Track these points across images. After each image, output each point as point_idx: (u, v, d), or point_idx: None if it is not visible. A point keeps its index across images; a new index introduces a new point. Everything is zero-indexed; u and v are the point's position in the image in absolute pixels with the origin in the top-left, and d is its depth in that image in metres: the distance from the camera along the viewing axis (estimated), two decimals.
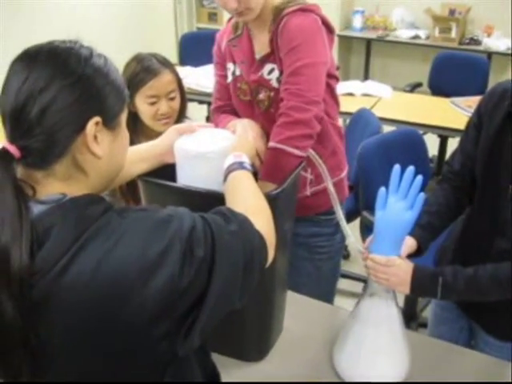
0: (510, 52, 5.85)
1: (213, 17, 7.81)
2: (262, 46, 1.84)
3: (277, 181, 1.59)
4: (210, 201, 1.26)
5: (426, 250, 1.68)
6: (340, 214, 1.63)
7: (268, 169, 1.66)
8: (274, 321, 1.74)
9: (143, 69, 2.04)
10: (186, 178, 1.49)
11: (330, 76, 1.86)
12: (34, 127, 0.92)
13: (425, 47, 6.36)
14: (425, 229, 1.66)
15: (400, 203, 1.50)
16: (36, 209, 0.92)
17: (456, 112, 3.93)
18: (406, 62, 6.88)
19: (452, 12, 6.19)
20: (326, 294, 2.21)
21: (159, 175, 1.49)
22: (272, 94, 1.84)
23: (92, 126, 0.96)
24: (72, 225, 0.92)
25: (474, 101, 4.00)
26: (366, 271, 1.59)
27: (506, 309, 1.63)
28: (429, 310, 2.19)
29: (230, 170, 1.32)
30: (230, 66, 1.95)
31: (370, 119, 3.24)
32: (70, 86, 0.94)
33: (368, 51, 6.83)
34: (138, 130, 2.11)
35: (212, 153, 1.45)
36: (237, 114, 1.99)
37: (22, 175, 0.95)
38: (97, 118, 0.96)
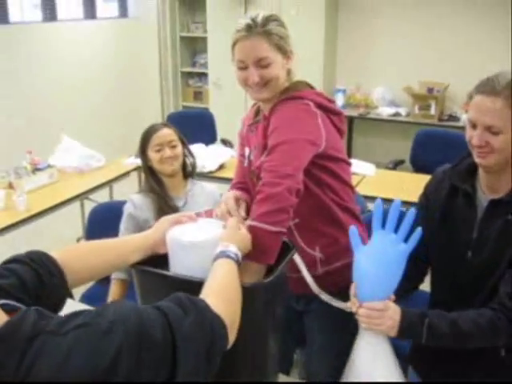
0: None
1: (198, 96, 7.99)
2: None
3: (257, 259, 1.59)
4: (197, 287, 1.30)
5: None
6: (320, 291, 1.71)
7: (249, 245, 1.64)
8: None
9: (149, 129, 2.76)
10: (179, 265, 1.53)
11: (333, 159, 1.88)
12: None
13: (405, 124, 6.51)
14: None
15: (390, 236, 1.54)
16: None
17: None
18: (387, 139, 7.03)
19: (430, 90, 6.38)
20: (339, 363, 2.16)
21: (153, 262, 1.55)
22: None
23: None
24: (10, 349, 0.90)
25: None
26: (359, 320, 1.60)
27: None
28: None
29: (214, 258, 1.41)
30: (247, 150, 2.04)
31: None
32: None
33: (350, 129, 6.98)
34: (156, 178, 2.75)
35: (202, 242, 1.51)
36: (250, 192, 2.03)
37: None
38: None
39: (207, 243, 1.50)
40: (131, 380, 0.92)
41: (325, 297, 1.68)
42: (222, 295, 1.26)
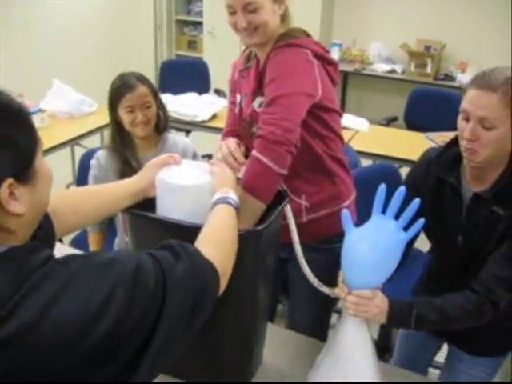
0: None
1: (192, 45, 7.88)
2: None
3: (254, 192, 1.63)
4: (188, 233, 1.29)
5: None
6: (300, 256, 1.63)
7: (248, 177, 1.68)
8: (253, 353, 1.76)
9: (122, 84, 2.45)
10: (165, 209, 1.52)
11: (327, 109, 1.87)
12: None
13: (401, 81, 6.48)
14: None
15: (391, 222, 1.50)
16: None
17: (430, 146, 3.99)
18: (382, 96, 7.00)
19: (427, 48, 6.34)
20: (321, 313, 2.21)
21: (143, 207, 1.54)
22: None
23: (5, 189, 0.93)
24: (11, 276, 0.91)
25: (447, 136, 4.09)
26: (343, 305, 1.59)
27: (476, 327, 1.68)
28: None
29: (214, 204, 1.39)
30: (238, 97, 2.02)
31: (348, 153, 3.28)
32: None
33: (345, 84, 6.94)
34: (124, 135, 2.51)
35: (194, 187, 1.50)
36: (242, 140, 2.02)
37: None
38: (9, 181, 0.93)
39: (197, 188, 1.49)
40: (119, 319, 0.92)
41: (312, 279, 1.67)
42: (216, 242, 1.25)
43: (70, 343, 0.89)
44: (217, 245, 1.24)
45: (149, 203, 1.54)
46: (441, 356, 2.21)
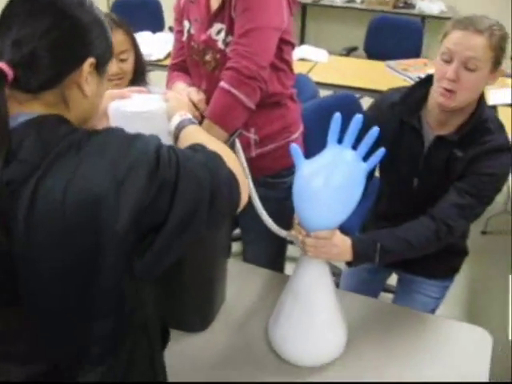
0: (443, 15, 5.91)
1: None
2: (217, 3, 1.80)
3: (222, 123, 1.64)
4: None
5: None
6: (254, 195, 1.56)
7: (216, 109, 1.68)
8: (215, 290, 1.74)
9: None
10: None
11: (284, 41, 1.82)
12: (38, 56, 0.96)
13: (360, 11, 6.37)
14: None
15: (348, 152, 1.41)
16: (12, 122, 0.95)
17: (391, 75, 3.97)
18: (341, 26, 6.89)
19: None
20: (276, 248, 2.20)
21: None
22: (218, 56, 1.81)
23: (88, 66, 1.02)
24: (43, 139, 0.94)
25: (408, 64, 4.06)
26: (301, 248, 1.52)
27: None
28: None
29: (181, 127, 1.32)
30: (186, 23, 1.91)
31: (307, 84, 3.22)
32: (74, 26, 1.00)
33: (304, 16, 6.81)
34: None
35: (147, 112, 1.46)
36: (189, 72, 1.98)
37: (7, 93, 0.97)
38: (92, 60, 1.02)
39: (151, 114, 1.46)
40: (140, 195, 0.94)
41: (265, 219, 1.61)
42: (227, 156, 1.14)
43: (101, 201, 0.91)
44: (227, 157, 1.13)
45: None
46: (392, 279, 2.23)
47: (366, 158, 1.42)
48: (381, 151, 1.40)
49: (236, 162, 1.16)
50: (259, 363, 1.60)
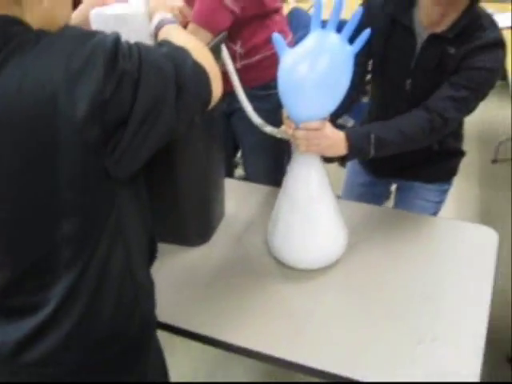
0: None
1: None
2: None
3: (208, 25, 1.67)
4: None
5: None
6: (244, 100, 1.54)
7: (202, 11, 1.70)
8: (214, 204, 1.74)
9: None
10: None
11: None
12: None
13: None
14: None
15: (332, 34, 1.32)
16: None
17: None
18: None
19: None
20: (274, 161, 2.20)
21: None
22: None
23: None
24: None
25: None
26: (292, 142, 1.49)
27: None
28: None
29: (160, 26, 1.29)
30: None
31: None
32: None
33: None
34: None
35: (128, 15, 1.42)
36: None
37: None
38: None
39: (133, 16, 1.41)
40: (99, 87, 0.91)
41: (255, 119, 1.56)
42: (200, 50, 1.13)
43: (55, 96, 0.89)
44: (199, 51, 1.12)
45: None
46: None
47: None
48: (366, 32, 1.33)
49: (209, 59, 1.14)
50: (260, 270, 1.60)
